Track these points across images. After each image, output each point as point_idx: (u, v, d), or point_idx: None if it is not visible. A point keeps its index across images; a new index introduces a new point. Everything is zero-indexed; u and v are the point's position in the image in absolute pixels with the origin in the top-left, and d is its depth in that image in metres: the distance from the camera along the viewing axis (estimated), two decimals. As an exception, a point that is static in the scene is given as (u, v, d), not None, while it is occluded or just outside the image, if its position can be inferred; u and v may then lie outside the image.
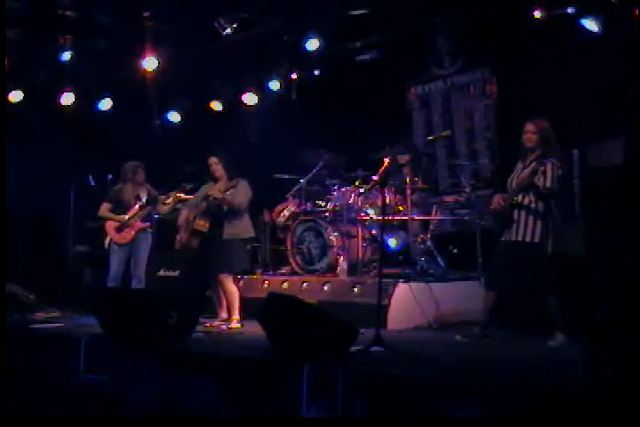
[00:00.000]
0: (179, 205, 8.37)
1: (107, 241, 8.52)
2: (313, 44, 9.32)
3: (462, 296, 7.58)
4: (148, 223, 8.54)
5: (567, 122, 6.63)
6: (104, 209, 8.59)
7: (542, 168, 6.10)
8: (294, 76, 10.59)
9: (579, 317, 5.34)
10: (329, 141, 9.43)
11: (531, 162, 6.24)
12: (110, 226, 8.51)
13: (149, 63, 9.69)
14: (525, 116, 6.48)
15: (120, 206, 8.55)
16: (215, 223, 7.48)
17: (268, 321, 6.01)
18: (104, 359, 6.42)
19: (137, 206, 8.50)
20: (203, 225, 7.47)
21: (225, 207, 7.42)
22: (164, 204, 8.36)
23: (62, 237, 8.87)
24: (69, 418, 6.06)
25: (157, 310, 6.54)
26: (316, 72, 10.45)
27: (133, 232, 8.46)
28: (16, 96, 10.18)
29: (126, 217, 8.48)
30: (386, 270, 7.24)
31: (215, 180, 7.65)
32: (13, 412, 6.04)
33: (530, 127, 6.28)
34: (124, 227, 8.47)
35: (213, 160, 7.62)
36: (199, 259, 7.66)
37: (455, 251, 8.75)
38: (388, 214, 8.08)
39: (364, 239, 8.50)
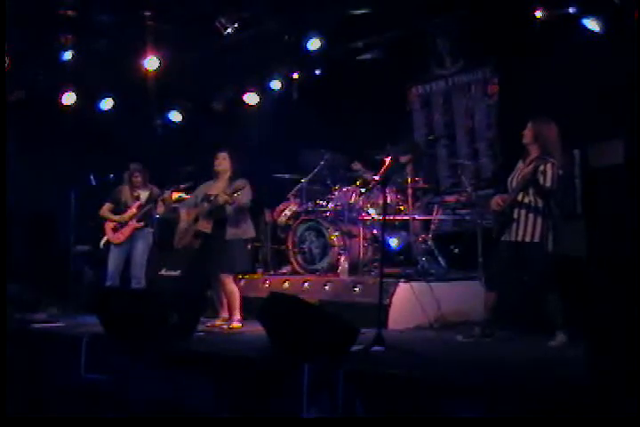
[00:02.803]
0: (176, 205, 8.40)
1: (103, 240, 8.63)
2: (314, 44, 9.33)
3: (463, 296, 7.57)
4: (142, 223, 8.58)
5: (568, 121, 6.62)
6: (105, 209, 8.76)
7: (542, 167, 6.11)
8: (295, 75, 10.60)
9: (579, 317, 5.33)
10: (330, 141, 9.43)
11: (531, 161, 6.25)
12: (108, 225, 8.71)
13: (150, 63, 9.70)
14: (527, 115, 6.48)
15: (120, 207, 8.68)
16: (217, 223, 7.48)
17: (268, 321, 6.01)
18: (105, 359, 6.43)
19: (134, 207, 8.60)
20: (206, 226, 7.47)
21: (229, 208, 7.40)
22: (163, 201, 8.46)
23: (62, 236, 8.89)
24: (70, 418, 6.06)
25: (158, 309, 6.55)
26: (318, 72, 10.45)
27: (128, 232, 8.59)
28: (17, 96, 10.18)
29: (124, 217, 8.58)
30: (387, 270, 7.24)
31: (216, 176, 7.65)
32: (13, 412, 6.04)
33: (528, 126, 6.31)
34: (119, 227, 8.58)
35: (222, 155, 7.62)
36: (201, 259, 7.65)
37: (456, 251, 8.75)
38: (390, 214, 8.08)
39: (365, 239, 8.49)
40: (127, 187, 8.74)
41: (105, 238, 8.65)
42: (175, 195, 8.68)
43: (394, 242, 8.49)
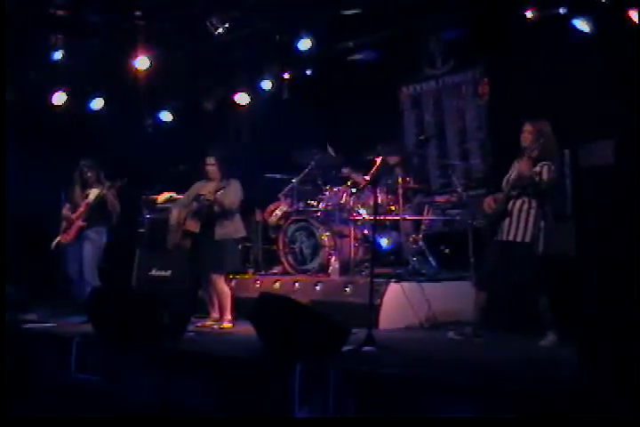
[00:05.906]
0: (168, 205, 8.36)
1: (55, 241, 8.55)
2: (305, 44, 9.31)
3: (454, 296, 7.59)
4: (85, 223, 8.45)
5: (558, 122, 6.64)
6: (64, 209, 8.63)
7: (538, 169, 6.13)
8: (286, 75, 10.58)
9: (570, 316, 5.35)
10: (321, 141, 9.43)
11: (527, 161, 6.24)
12: (62, 225, 8.56)
13: (141, 62, 9.66)
14: (517, 116, 6.50)
15: (73, 206, 8.58)
16: (207, 223, 7.48)
17: (259, 321, 6.01)
18: (96, 359, 6.41)
19: (82, 206, 8.49)
20: (194, 226, 7.46)
21: (216, 208, 7.41)
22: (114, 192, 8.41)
23: (53, 237, 8.85)
24: (60, 418, 6.04)
25: (149, 309, 6.54)
26: (308, 72, 10.43)
27: (73, 232, 8.45)
28: (8, 96, 10.15)
29: (72, 217, 8.49)
30: (378, 270, 7.25)
31: (207, 177, 7.66)
32: (6, 412, 6.02)
33: (528, 127, 6.31)
34: (68, 227, 8.50)
35: (210, 161, 7.62)
36: (191, 259, 7.65)
37: (447, 251, 8.77)
38: (380, 214, 8.08)
39: (355, 239, 8.50)
40: (77, 186, 8.53)
41: (57, 239, 8.58)
42: (165, 195, 8.62)
43: (384, 242, 8.49)
